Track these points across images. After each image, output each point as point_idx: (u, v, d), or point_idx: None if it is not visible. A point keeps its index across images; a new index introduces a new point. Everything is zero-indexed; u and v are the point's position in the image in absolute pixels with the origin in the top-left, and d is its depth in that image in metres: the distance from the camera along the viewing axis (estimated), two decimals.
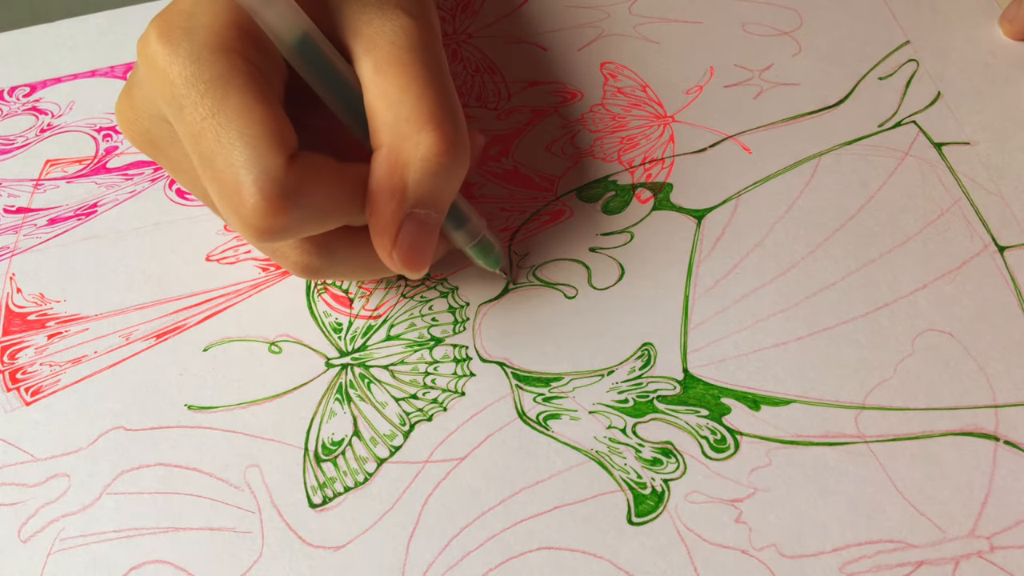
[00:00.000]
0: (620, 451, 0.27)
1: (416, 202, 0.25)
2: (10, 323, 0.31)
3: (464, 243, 0.29)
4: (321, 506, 0.27)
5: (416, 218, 0.25)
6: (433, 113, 0.25)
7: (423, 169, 0.25)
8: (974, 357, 0.28)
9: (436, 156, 0.25)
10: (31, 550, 0.27)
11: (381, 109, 0.25)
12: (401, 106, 0.25)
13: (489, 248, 0.30)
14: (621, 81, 0.36)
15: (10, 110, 0.37)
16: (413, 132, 0.25)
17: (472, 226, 0.29)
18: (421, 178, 0.25)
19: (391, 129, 0.25)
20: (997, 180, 0.32)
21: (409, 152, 0.25)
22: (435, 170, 0.25)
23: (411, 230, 0.25)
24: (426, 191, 0.25)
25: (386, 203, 0.25)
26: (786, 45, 0.36)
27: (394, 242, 0.25)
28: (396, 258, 0.26)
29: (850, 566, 0.25)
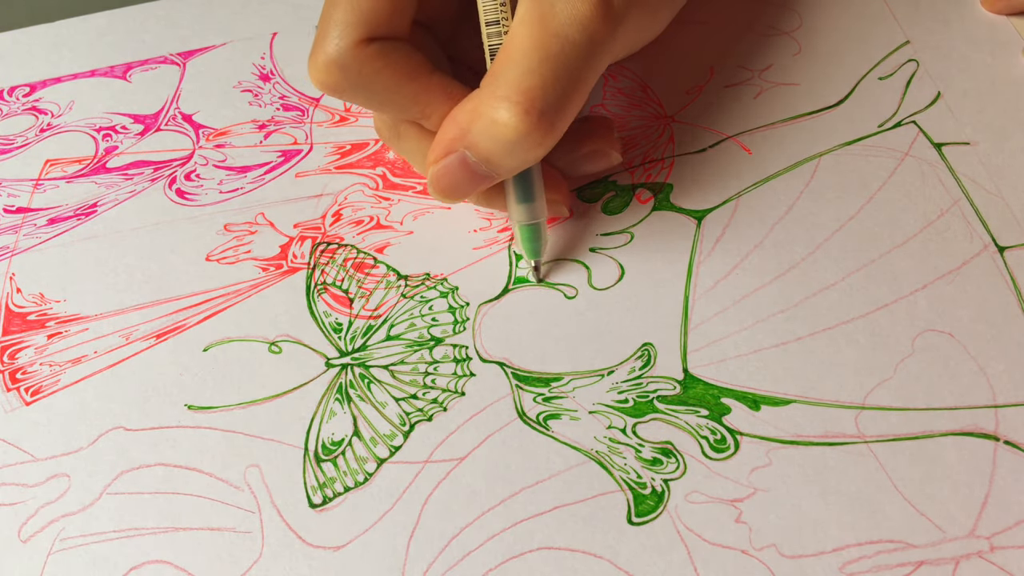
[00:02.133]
0: (620, 451, 0.27)
1: (470, 148, 0.27)
2: (10, 323, 0.31)
3: (516, 218, 0.30)
4: (321, 506, 0.27)
5: (464, 158, 0.27)
6: (531, 93, 0.25)
7: (486, 129, 0.26)
8: (974, 357, 0.28)
9: (503, 129, 0.26)
10: (31, 550, 0.27)
11: (500, 59, 0.26)
12: (512, 67, 0.26)
13: (535, 237, 0.30)
14: (621, 81, 0.36)
15: (10, 110, 0.37)
16: (502, 95, 0.26)
17: (532, 208, 0.29)
18: (481, 134, 0.26)
19: (493, 80, 0.26)
20: (997, 180, 0.32)
21: (488, 109, 0.26)
22: (496, 137, 0.26)
23: (453, 163, 0.27)
24: (480, 147, 0.26)
25: (449, 129, 0.27)
26: (786, 45, 0.36)
27: (436, 161, 0.28)
28: (430, 174, 0.28)
29: (850, 566, 0.25)
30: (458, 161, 0.27)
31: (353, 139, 0.35)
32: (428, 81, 0.27)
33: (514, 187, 0.29)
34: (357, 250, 0.32)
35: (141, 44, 0.39)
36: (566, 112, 0.26)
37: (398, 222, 0.33)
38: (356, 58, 0.26)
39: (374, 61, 0.26)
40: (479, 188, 0.28)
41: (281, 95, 0.37)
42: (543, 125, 0.26)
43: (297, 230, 0.33)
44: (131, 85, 0.38)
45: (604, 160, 0.32)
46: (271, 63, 0.38)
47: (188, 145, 0.36)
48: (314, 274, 0.32)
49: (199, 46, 0.39)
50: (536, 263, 0.31)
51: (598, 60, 0.27)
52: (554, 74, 0.26)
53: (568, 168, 0.32)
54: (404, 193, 0.34)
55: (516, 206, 0.29)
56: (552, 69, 0.26)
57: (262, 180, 0.34)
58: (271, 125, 0.36)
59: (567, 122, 0.27)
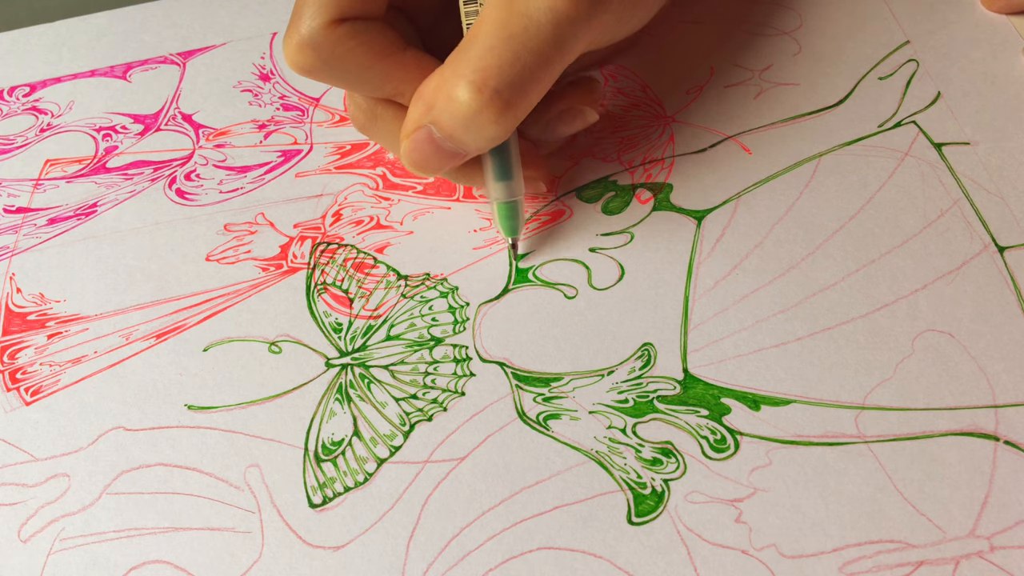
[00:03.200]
0: (620, 451, 0.27)
1: (434, 124, 0.27)
2: (10, 323, 0.31)
3: (493, 196, 0.30)
4: (321, 506, 0.27)
5: (430, 133, 0.27)
6: (487, 71, 0.26)
7: (446, 107, 0.26)
8: (974, 357, 0.28)
9: (459, 106, 0.26)
10: (31, 550, 0.27)
11: (467, 37, 0.27)
12: (474, 46, 0.26)
13: (513, 215, 0.30)
14: (621, 81, 0.36)
15: (10, 110, 0.37)
16: (461, 73, 0.26)
17: (509, 186, 0.29)
18: (442, 111, 0.26)
19: (456, 57, 0.26)
20: (997, 180, 0.32)
21: (448, 85, 0.26)
22: (454, 114, 0.26)
23: (421, 138, 0.27)
24: (443, 123, 0.27)
25: (416, 105, 0.27)
26: (786, 45, 0.36)
27: (407, 136, 0.28)
28: (402, 149, 0.28)
29: (850, 566, 0.25)
30: (426, 136, 0.27)
31: (353, 139, 0.35)
32: (402, 57, 0.28)
33: (491, 164, 0.29)
34: (357, 250, 0.32)
35: (141, 44, 0.39)
36: (525, 92, 0.26)
37: (398, 222, 0.33)
38: (328, 38, 0.26)
39: (346, 40, 0.27)
40: (451, 163, 0.28)
41: (281, 95, 0.37)
42: (497, 103, 0.26)
43: (297, 230, 0.33)
44: (131, 85, 0.38)
45: (578, 119, 0.31)
46: (271, 63, 0.38)
47: (188, 145, 0.36)
48: (314, 274, 0.32)
49: (199, 46, 0.39)
50: (514, 241, 0.31)
51: (565, 44, 0.26)
52: (513, 53, 0.26)
53: (543, 133, 0.31)
54: (404, 193, 0.34)
55: (493, 184, 0.30)
56: (512, 48, 0.26)
57: (262, 180, 0.34)
58: (271, 125, 0.36)
59: (526, 102, 0.27)
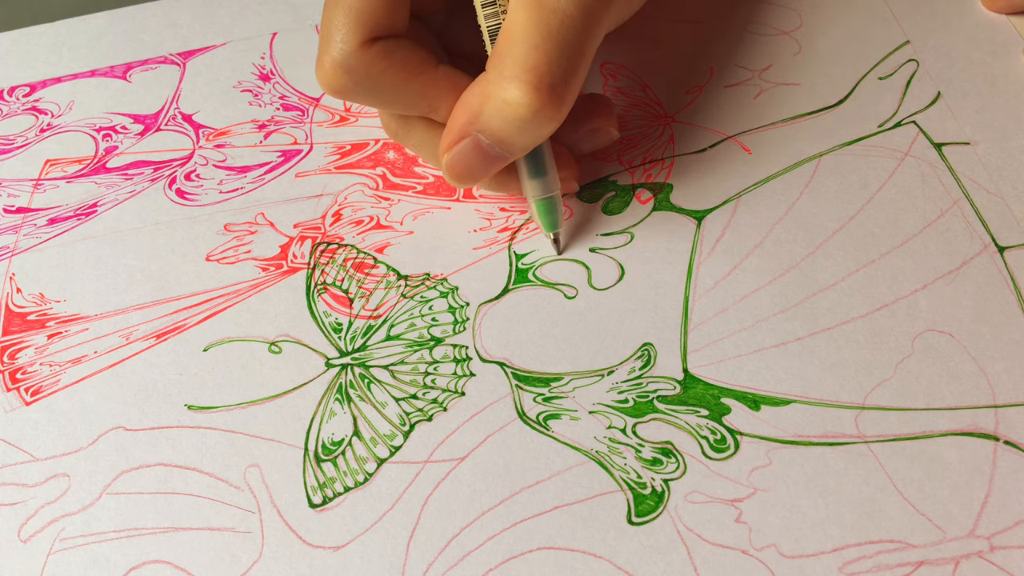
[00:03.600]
0: (620, 451, 0.27)
1: (483, 131, 0.27)
2: (10, 323, 0.31)
3: (532, 194, 0.30)
4: (321, 506, 0.27)
5: (477, 141, 0.28)
6: (538, 70, 0.26)
7: (498, 110, 0.27)
8: (974, 357, 0.28)
9: (514, 107, 0.26)
10: (31, 550, 0.27)
11: (502, 39, 0.27)
12: (516, 47, 0.26)
13: (552, 209, 0.30)
14: (621, 81, 0.36)
15: (10, 110, 0.37)
16: (510, 75, 0.26)
17: (546, 182, 0.30)
18: (493, 116, 0.27)
19: (498, 61, 0.27)
20: (997, 180, 0.32)
21: (497, 90, 0.26)
22: (508, 117, 0.26)
23: (467, 148, 0.28)
24: (493, 128, 0.27)
25: (459, 116, 0.28)
26: (786, 45, 0.36)
27: (448, 148, 0.28)
28: (444, 161, 0.28)
29: (850, 566, 0.25)
30: (472, 145, 0.28)
31: (353, 139, 0.35)
32: (434, 75, 0.28)
33: (526, 164, 0.30)
34: (357, 250, 0.32)
35: (141, 44, 0.39)
36: (572, 85, 0.27)
37: (398, 222, 0.33)
38: (361, 59, 0.27)
39: (379, 61, 0.27)
40: (493, 170, 0.29)
41: (281, 95, 0.37)
42: (554, 99, 0.26)
43: (297, 230, 0.33)
44: (131, 85, 0.38)
45: (605, 137, 0.32)
46: (271, 63, 0.38)
47: (188, 145, 0.36)
48: (314, 274, 0.32)
49: (199, 46, 0.39)
50: (555, 235, 0.31)
51: (596, 32, 0.27)
52: (558, 49, 0.26)
53: (571, 147, 0.32)
54: (404, 193, 0.34)
55: (529, 182, 0.30)
56: (555, 44, 0.26)
57: (262, 180, 0.34)
58: (271, 125, 0.36)
59: (575, 94, 0.27)
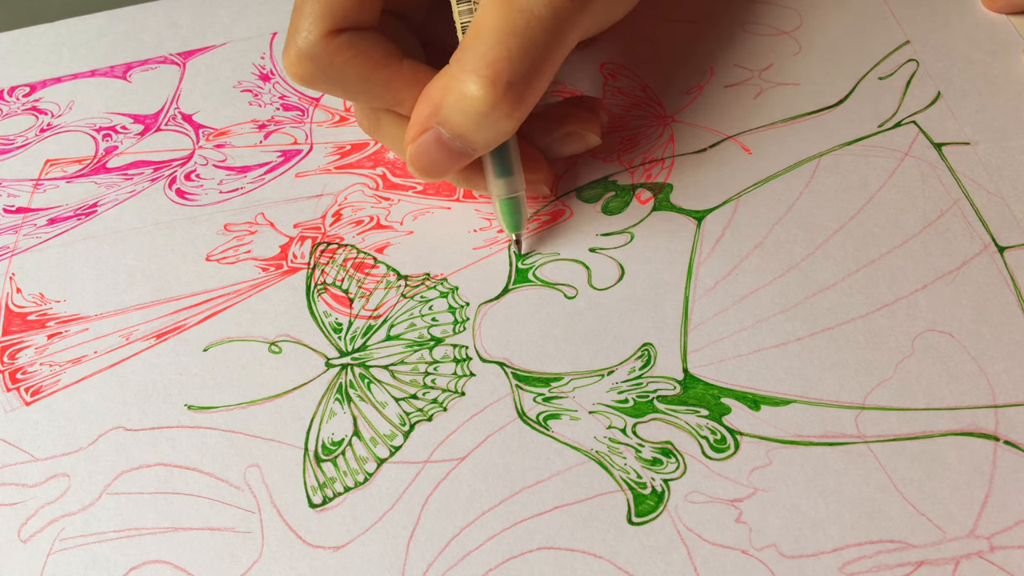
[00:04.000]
0: (620, 451, 0.27)
1: (442, 124, 0.27)
2: (10, 323, 0.31)
3: (495, 192, 0.30)
4: (321, 506, 0.27)
5: (439, 135, 0.27)
6: (497, 65, 0.26)
7: (457, 104, 0.26)
8: (974, 357, 0.28)
9: (472, 102, 0.26)
10: (31, 550, 0.27)
11: (469, 34, 0.27)
12: (480, 42, 0.26)
13: (515, 210, 0.30)
14: (621, 81, 0.36)
15: (10, 110, 0.37)
16: (471, 70, 0.26)
17: (511, 182, 0.30)
18: (452, 109, 0.27)
19: (461, 55, 0.27)
20: (997, 180, 0.32)
21: (458, 83, 0.26)
22: (466, 111, 0.26)
23: (429, 141, 0.28)
24: (453, 122, 0.27)
25: (422, 107, 0.28)
26: (786, 45, 0.36)
27: (412, 140, 0.28)
28: (407, 153, 0.28)
29: (850, 566, 0.25)
30: (433, 138, 0.28)
31: (353, 139, 0.35)
32: (399, 68, 0.28)
33: (492, 162, 0.29)
34: (357, 250, 0.32)
35: (141, 44, 0.39)
36: (533, 84, 0.27)
37: (398, 222, 0.33)
38: (325, 49, 0.27)
39: (344, 51, 0.27)
40: (457, 165, 0.28)
41: (281, 95, 0.37)
42: (511, 96, 0.26)
43: (297, 230, 0.33)
44: (131, 85, 0.38)
45: (580, 142, 0.32)
46: (271, 63, 0.38)
47: (188, 145, 0.36)
48: (314, 274, 0.32)
49: (199, 46, 0.39)
50: (517, 236, 0.31)
51: (565, 35, 0.27)
52: (520, 47, 0.26)
53: (546, 150, 0.32)
54: (404, 193, 0.34)
55: (494, 180, 0.30)
56: (519, 42, 0.26)
57: (262, 180, 0.34)
58: (271, 125, 0.36)
59: (536, 94, 0.27)
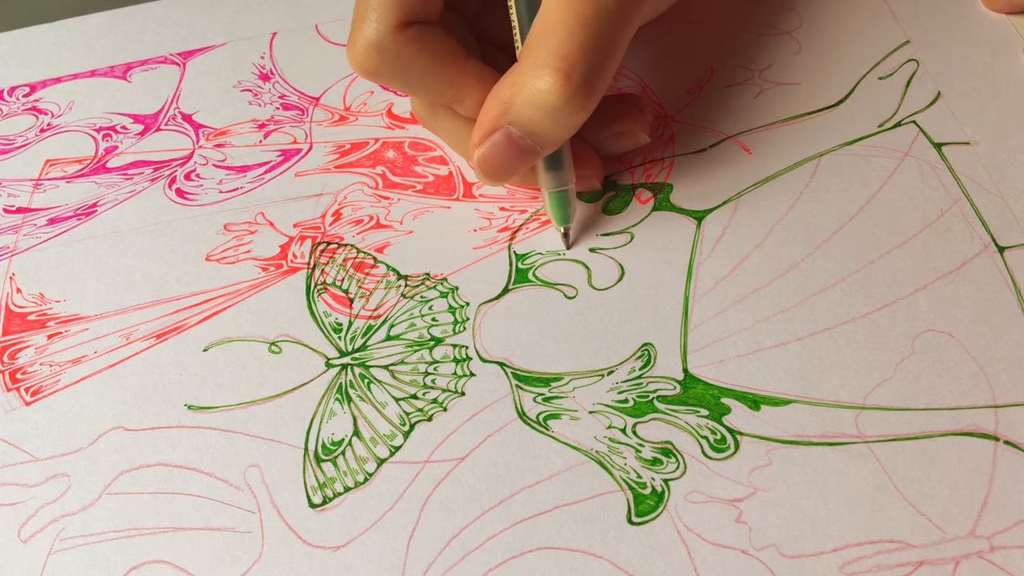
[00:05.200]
0: (620, 451, 0.27)
1: (514, 122, 0.27)
2: (10, 323, 0.31)
3: (546, 186, 0.30)
4: (321, 506, 0.27)
5: (510, 134, 0.27)
6: (571, 58, 0.26)
7: (531, 99, 0.26)
8: (974, 357, 0.28)
9: (547, 95, 0.26)
10: (31, 550, 0.27)
11: (536, 29, 0.27)
12: (550, 36, 0.26)
13: (566, 203, 0.30)
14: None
15: (10, 110, 0.37)
16: (543, 64, 0.26)
17: (561, 175, 0.30)
18: (525, 105, 0.27)
19: (531, 51, 0.27)
20: (997, 180, 0.32)
21: (530, 79, 0.26)
22: (541, 106, 0.26)
23: (499, 141, 0.28)
24: (525, 119, 0.27)
25: (491, 107, 0.27)
26: (786, 45, 0.36)
27: (480, 142, 0.28)
28: (475, 156, 0.28)
29: (850, 566, 0.25)
30: (504, 139, 0.27)
31: (353, 138, 0.35)
32: (463, 66, 0.28)
33: None
34: (357, 250, 0.32)
35: (141, 44, 0.39)
36: (604, 74, 0.27)
37: (398, 221, 0.33)
38: (394, 42, 0.27)
39: (411, 45, 0.27)
40: (525, 165, 0.28)
41: (281, 95, 0.37)
42: (586, 88, 0.26)
43: (297, 230, 0.33)
44: (131, 85, 0.38)
45: (631, 140, 0.32)
46: (271, 63, 0.38)
47: (188, 145, 0.36)
48: (314, 274, 0.32)
49: (199, 46, 0.39)
50: (566, 229, 0.31)
51: (631, 22, 0.27)
52: (592, 38, 0.26)
53: (597, 147, 0.32)
54: (404, 192, 0.34)
55: (545, 173, 0.30)
56: (589, 34, 0.26)
57: (262, 180, 0.34)
58: (271, 124, 0.36)
59: (605, 84, 0.27)
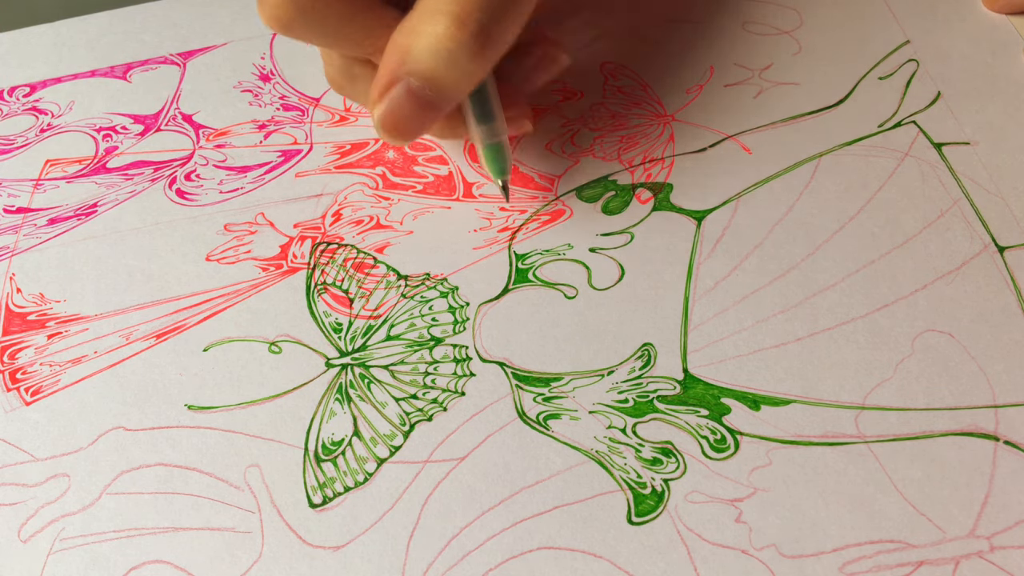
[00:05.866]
0: (620, 451, 0.27)
1: (412, 72, 0.26)
2: (10, 323, 0.31)
3: (479, 139, 0.30)
4: (321, 506, 0.27)
5: (410, 87, 0.26)
6: (468, 6, 0.25)
7: (427, 45, 0.25)
8: (974, 357, 0.28)
9: (442, 40, 0.25)
10: (31, 550, 0.27)
11: None
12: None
13: (500, 156, 0.30)
14: (621, 80, 0.36)
15: (10, 110, 0.37)
16: (439, 8, 0.25)
17: (494, 127, 0.29)
18: (422, 52, 0.26)
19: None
20: (997, 180, 0.32)
21: (426, 25, 0.25)
22: (437, 51, 0.25)
23: (399, 94, 0.26)
24: (424, 67, 0.26)
25: (389, 57, 0.26)
26: (786, 44, 0.36)
27: (380, 97, 0.27)
28: (375, 114, 0.27)
29: (850, 566, 0.25)
30: (404, 92, 0.26)
31: (353, 139, 0.35)
32: (381, 13, 0.27)
33: (472, 108, 0.29)
34: (357, 250, 0.32)
35: (141, 44, 0.39)
36: (504, 24, 0.26)
37: (398, 222, 0.33)
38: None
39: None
40: (428, 121, 0.27)
41: (281, 95, 0.37)
42: (480, 36, 0.25)
43: (297, 230, 0.33)
44: (131, 85, 0.38)
45: (554, 64, 0.31)
46: (271, 63, 0.38)
47: (188, 145, 0.36)
48: (314, 274, 0.32)
49: (199, 46, 0.39)
50: (504, 182, 0.31)
51: None
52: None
53: (522, 82, 0.32)
54: (404, 193, 0.34)
55: (476, 127, 0.29)
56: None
57: (262, 180, 0.34)
58: (271, 125, 0.36)
59: (505, 34, 0.26)
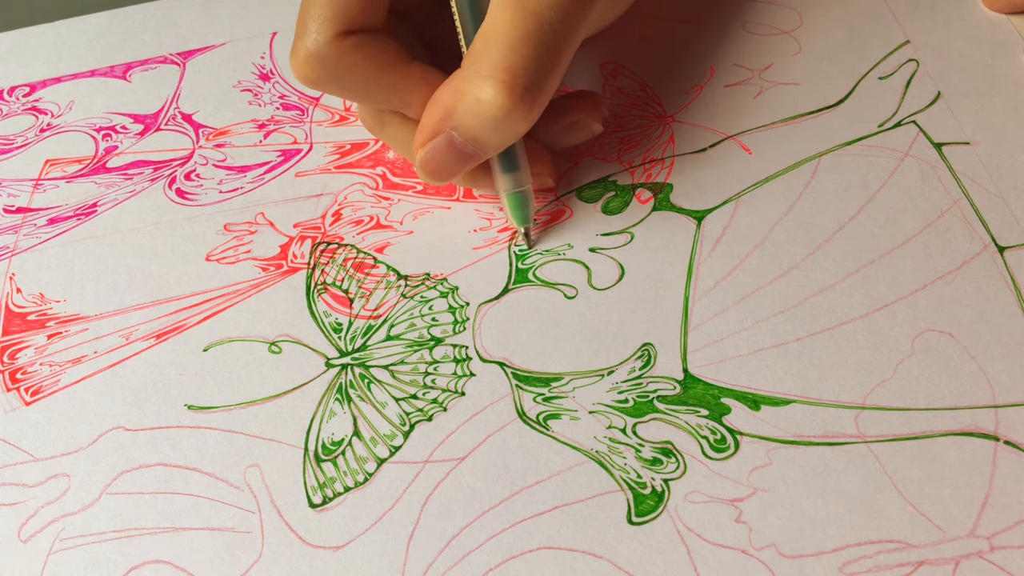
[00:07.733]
0: (620, 451, 0.27)
1: (456, 128, 0.27)
2: (10, 323, 0.31)
3: (503, 188, 0.30)
4: (321, 506, 0.27)
5: (451, 138, 0.28)
6: (514, 70, 0.26)
7: (472, 109, 0.27)
8: (974, 357, 0.28)
9: (488, 107, 0.26)
10: (31, 550, 0.27)
11: (480, 38, 0.27)
12: (493, 47, 0.26)
13: (523, 204, 0.31)
14: (621, 81, 0.36)
15: (10, 110, 0.37)
16: (486, 74, 0.26)
17: (518, 176, 0.30)
18: (466, 114, 0.27)
19: (475, 60, 0.27)
20: (997, 180, 0.32)
21: (472, 88, 0.27)
22: (482, 115, 0.27)
23: (440, 145, 0.28)
24: (467, 127, 0.27)
25: (433, 112, 0.28)
26: (786, 44, 0.36)
27: (423, 144, 0.28)
28: (418, 158, 0.29)
29: (850, 566, 0.25)
30: (445, 142, 0.28)
31: (353, 139, 0.35)
32: (407, 70, 0.28)
33: (498, 158, 0.30)
34: (357, 250, 0.32)
35: (141, 44, 0.39)
36: (546, 87, 0.27)
37: (398, 222, 0.33)
38: (334, 51, 0.27)
39: (352, 53, 0.27)
40: (466, 167, 0.29)
41: (281, 95, 0.37)
42: (527, 100, 0.27)
43: (297, 230, 0.33)
44: (131, 85, 0.38)
45: (584, 131, 0.32)
46: (271, 63, 0.38)
47: (188, 145, 0.36)
48: (314, 274, 0.32)
49: (199, 46, 0.39)
50: (526, 229, 0.31)
51: (574, 36, 0.28)
52: (534, 52, 0.26)
53: (550, 141, 0.33)
54: (404, 193, 0.34)
55: (501, 176, 0.30)
56: (532, 47, 0.26)
57: (262, 180, 0.34)
58: (271, 125, 0.36)
59: (548, 97, 0.28)
